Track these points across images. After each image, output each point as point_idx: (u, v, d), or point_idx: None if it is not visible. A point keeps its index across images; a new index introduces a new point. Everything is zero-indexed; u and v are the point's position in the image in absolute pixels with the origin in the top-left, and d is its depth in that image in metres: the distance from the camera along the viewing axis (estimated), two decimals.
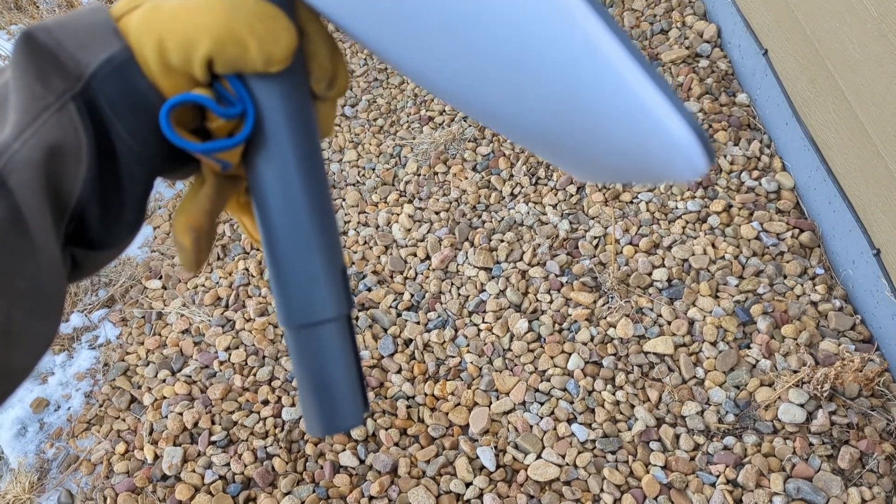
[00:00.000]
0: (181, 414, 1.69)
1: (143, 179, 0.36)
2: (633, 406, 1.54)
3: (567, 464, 1.49)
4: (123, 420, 1.73)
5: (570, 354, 1.64)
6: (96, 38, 0.33)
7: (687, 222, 1.82)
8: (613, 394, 1.56)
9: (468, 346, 1.70)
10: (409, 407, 1.63)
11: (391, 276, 1.89)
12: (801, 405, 1.46)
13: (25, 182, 0.31)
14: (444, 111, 2.27)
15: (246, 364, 1.77)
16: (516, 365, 1.65)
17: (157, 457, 1.64)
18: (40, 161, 0.32)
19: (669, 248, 1.78)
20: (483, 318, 1.75)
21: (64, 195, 0.33)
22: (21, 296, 0.31)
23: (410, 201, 2.05)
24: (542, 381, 1.61)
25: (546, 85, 0.33)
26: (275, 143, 0.36)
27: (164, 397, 1.74)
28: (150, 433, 1.68)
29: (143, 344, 1.88)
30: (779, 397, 1.48)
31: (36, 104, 0.32)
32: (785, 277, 1.68)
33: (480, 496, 1.47)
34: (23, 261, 0.31)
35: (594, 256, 1.80)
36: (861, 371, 1.44)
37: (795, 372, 1.50)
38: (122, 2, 0.35)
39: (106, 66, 0.33)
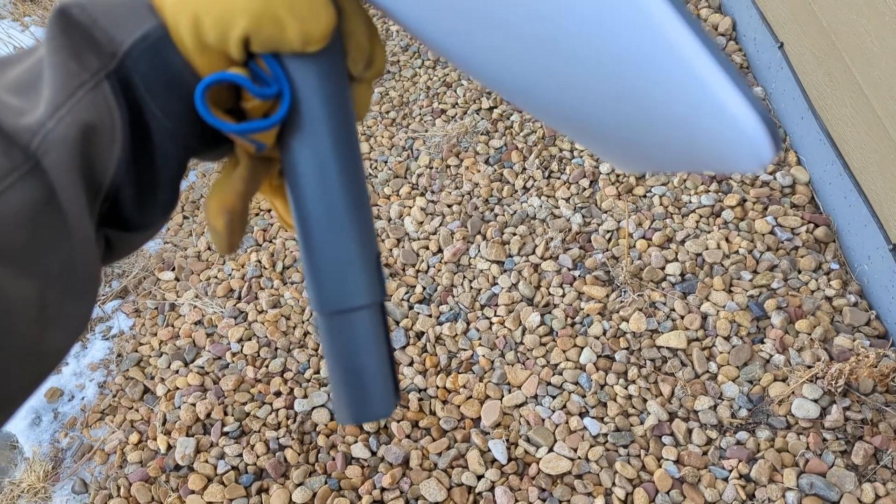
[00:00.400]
0: (194, 405, 1.69)
1: (176, 159, 0.36)
2: (645, 400, 1.54)
3: (579, 457, 1.49)
4: (137, 410, 1.74)
5: (582, 348, 1.64)
6: (131, 15, 0.33)
7: (701, 216, 1.81)
8: (626, 388, 1.56)
9: (480, 339, 1.70)
10: (420, 399, 1.63)
11: (403, 269, 1.89)
12: (815, 400, 1.46)
13: (60, 161, 0.31)
14: (457, 104, 2.27)
15: (258, 355, 1.78)
16: (528, 358, 1.65)
17: (170, 447, 1.65)
18: (75, 140, 0.31)
19: (683, 242, 1.77)
20: (495, 312, 1.74)
21: (98, 175, 0.33)
22: (55, 276, 0.31)
23: (423, 194, 2.05)
24: (554, 374, 1.61)
25: (605, 64, 0.32)
26: (311, 124, 0.36)
27: (177, 388, 1.75)
28: (164, 423, 1.69)
29: (156, 335, 1.89)
30: (792, 392, 1.48)
31: (71, 81, 0.32)
32: (799, 272, 1.67)
33: (492, 489, 1.47)
34: (57, 241, 0.31)
35: (607, 250, 1.80)
36: (876, 367, 1.43)
37: (809, 367, 1.50)
38: None
39: (141, 43, 0.33)
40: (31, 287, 0.30)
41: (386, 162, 2.17)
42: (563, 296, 1.73)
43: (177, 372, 1.79)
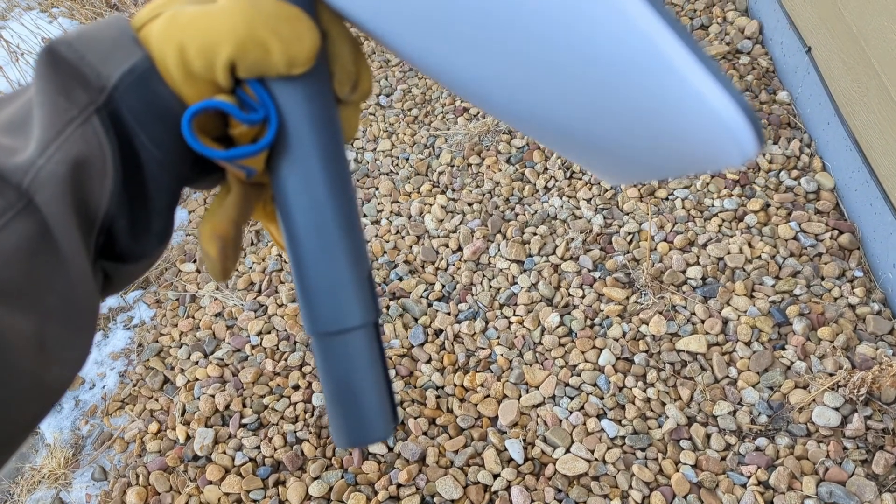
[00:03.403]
0: (213, 396, 1.71)
1: (168, 189, 0.36)
2: (664, 404, 1.53)
3: (596, 459, 1.48)
4: (156, 400, 1.76)
5: (601, 350, 1.63)
6: (117, 49, 0.33)
7: (723, 220, 1.80)
8: (644, 391, 1.55)
9: (499, 338, 1.70)
10: (438, 397, 1.63)
11: (422, 267, 1.89)
12: (836, 409, 1.45)
13: (53, 198, 0.31)
14: None
15: (277, 349, 1.79)
16: (547, 359, 1.65)
17: (188, 437, 1.66)
18: (66, 176, 0.31)
19: (705, 246, 1.76)
20: (514, 311, 1.74)
21: (91, 209, 0.33)
22: (54, 312, 0.32)
23: (443, 192, 2.05)
24: (572, 375, 1.61)
25: (578, 62, 0.31)
26: (299, 147, 0.36)
27: (197, 379, 1.76)
28: (183, 414, 1.71)
29: (176, 326, 1.91)
30: (813, 400, 1.46)
31: (59, 118, 0.32)
32: (822, 279, 1.65)
33: (508, 488, 1.47)
34: (54, 277, 0.31)
35: (628, 252, 1.79)
36: None
37: (831, 375, 1.48)
38: (142, 12, 0.35)
39: (128, 76, 0.33)
40: (30, 323, 0.30)
41: (407, 159, 2.18)
42: (583, 297, 1.73)
43: (196, 363, 1.80)
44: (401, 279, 1.86)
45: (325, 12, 0.36)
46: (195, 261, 2.05)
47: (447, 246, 1.92)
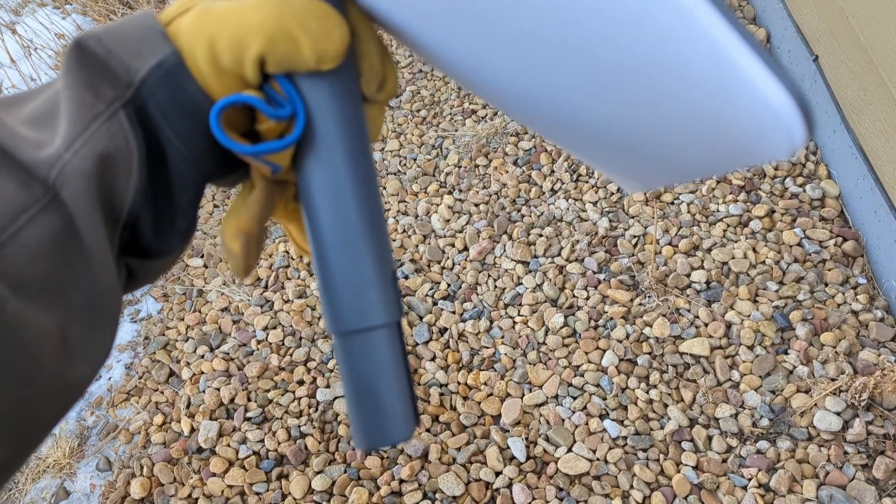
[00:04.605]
0: (218, 389, 1.72)
1: (193, 185, 0.36)
2: (666, 405, 1.54)
3: (598, 459, 1.49)
4: (162, 392, 1.77)
5: (604, 351, 1.64)
6: (146, 44, 0.33)
7: (728, 225, 1.81)
8: (647, 392, 1.56)
9: (503, 337, 1.71)
10: (441, 394, 1.64)
11: (428, 266, 1.91)
12: (838, 413, 1.45)
13: (78, 193, 0.31)
14: (487, 105, 2.28)
15: (283, 344, 1.80)
16: (550, 359, 1.66)
17: (193, 430, 1.67)
18: (92, 171, 0.31)
19: (709, 250, 1.77)
20: (519, 311, 1.76)
21: (116, 204, 0.33)
22: (77, 308, 0.31)
23: (450, 192, 2.07)
24: (575, 375, 1.62)
25: (617, 48, 0.30)
26: (325, 143, 0.36)
27: (202, 372, 1.78)
28: (188, 407, 1.72)
29: (183, 320, 1.92)
30: (815, 404, 1.47)
31: (86, 113, 0.32)
32: (826, 285, 1.66)
33: (510, 486, 1.48)
34: (78, 273, 0.31)
35: (633, 255, 1.80)
36: None
37: (833, 380, 1.49)
38: (171, 7, 0.35)
39: (156, 71, 0.33)
40: (53, 319, 0.30)
41: (415, 159, 2.19)
42: (588, 298, 1.74)
43: (202, 357, 1.81)
44: (406, 277, 1.88)
45: (353, 10, 0.36)
46: (203, 256, 2.07)
47: (453, 246, 1.93)
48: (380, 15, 0.36)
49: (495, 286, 1.82)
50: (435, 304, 1.82)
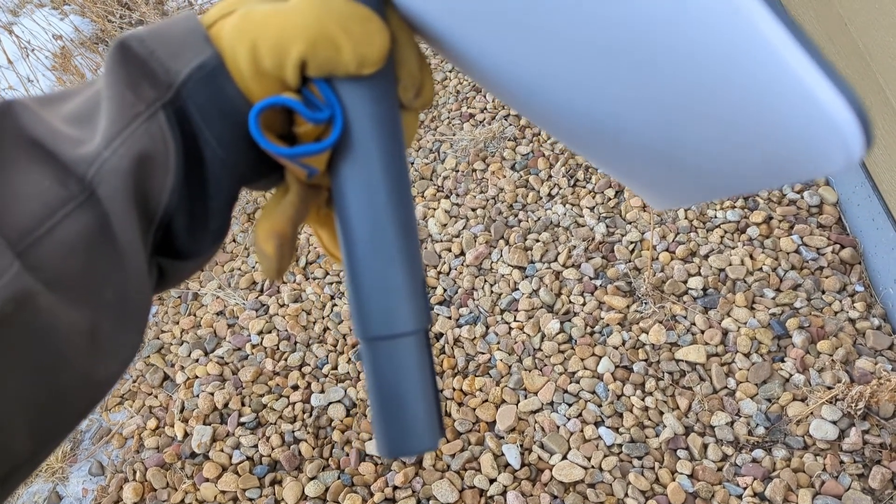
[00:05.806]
0: (212, 394, 1.71)
1: (229, 188, 0.37)
2: (661, 413, 1.53)
3: (592, 466, 1.48)
4: (156, 397, 1.77)
5: (600, 357, 1.64)
6: (188, 45, 0.34)
7: (725, 232, 1.80)
8: (643, 399, 1.55)
9: (498, 343, 1.71)
10: None
11: (425, 270, 1.90)
12: (834, 422, 1.45)
13: (115, 191, 0.31)
14: (486, 109, 2.28)
15: (278, 349, 1.80)
16: (546, 365, 1.65)
17: (186, 434, 1.67)
18: (129, 170, 0.32)
19: (706, 256, 1.76)
20: (515, 317, 1.75)
21: (152, 204, 0.34)
22: (108, 306, 0.32)
23: (447, 197, 2.06)
24: (571, 382, 1.61)
25: (666, 51, 0.28)
26: (362, 148, 0.36)
27: (197, 377, 1.77)
28: (181, 411, 1.71)
29: (177, 323, 1.91)
30: (811, 413, 1.47)
31: (126, 113, 0.33)
32: (823, 293, 1.66)
33: (504, 493, 1.48)
34: (111, 271, 0.32)
35: (629, 261, 1.79)
36: None
37: (829, 388, 1.48)
38: (213, 10, 0.35)
39: (197, 73, 0.33)
40: (84, 316, 0.31)
41: (412, 163, 2.19)
42: (584, 304, 1.73)
43: (197, 361, 1.81)
44: None
45: (393, 16, 0.36)
46: None
47: (450, 250, 1.92)
48: (422, 21, 0.36)
49: (491, 291, 1.81)
50: (431, 309, 1.81)
